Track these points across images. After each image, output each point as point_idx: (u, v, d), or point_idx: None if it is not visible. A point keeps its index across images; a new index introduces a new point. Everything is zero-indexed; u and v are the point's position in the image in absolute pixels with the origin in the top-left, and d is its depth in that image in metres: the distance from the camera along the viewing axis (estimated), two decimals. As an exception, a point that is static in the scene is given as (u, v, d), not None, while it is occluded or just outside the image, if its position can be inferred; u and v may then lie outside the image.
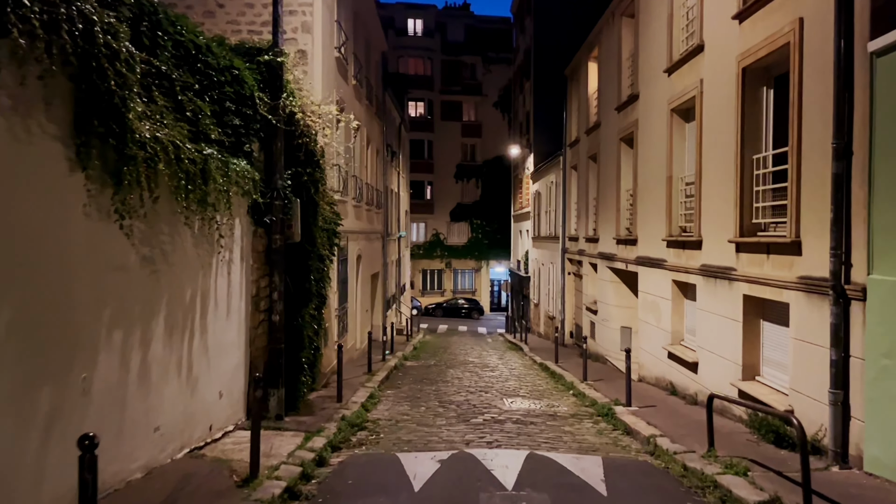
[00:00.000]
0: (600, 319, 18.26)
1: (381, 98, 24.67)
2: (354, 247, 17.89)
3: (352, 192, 17.55)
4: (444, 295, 52.26)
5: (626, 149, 16.06)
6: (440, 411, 11.06)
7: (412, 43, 54.22)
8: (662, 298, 12.84)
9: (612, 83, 17.02)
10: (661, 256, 12.88)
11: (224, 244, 7.91)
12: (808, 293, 7.59)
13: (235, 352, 8.52)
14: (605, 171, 17.87)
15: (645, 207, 14.17)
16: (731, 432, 8.71)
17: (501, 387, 14.04)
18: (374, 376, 14.32)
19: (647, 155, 14.10)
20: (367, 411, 10.70)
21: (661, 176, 12.85)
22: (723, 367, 9.88)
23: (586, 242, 20.13)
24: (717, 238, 10.15)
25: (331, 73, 14.55)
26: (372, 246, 22.08)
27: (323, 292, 11.78)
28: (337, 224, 12.56)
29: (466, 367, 17.83)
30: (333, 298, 14.71)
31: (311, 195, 9.50)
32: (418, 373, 16.39)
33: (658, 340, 13.05)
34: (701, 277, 10.80)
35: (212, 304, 7.57)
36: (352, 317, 17.54)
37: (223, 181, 7.35)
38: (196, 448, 7.12)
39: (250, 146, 8.60)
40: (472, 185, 54.55)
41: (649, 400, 11.56)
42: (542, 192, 29.73)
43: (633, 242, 15.01)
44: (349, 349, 17.17)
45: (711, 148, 10.49)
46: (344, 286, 16.29)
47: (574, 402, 12.30)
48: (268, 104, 8.82)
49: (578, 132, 21.73)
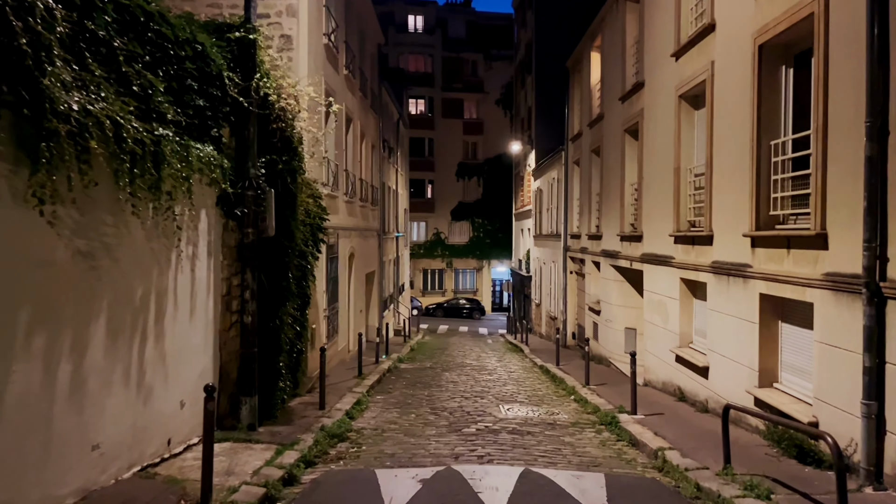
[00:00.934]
0: (603, 320, 17.46)
1: (377, 92, 23.90)
2: (346, 244, 17.13)
3: (343, 187, 16.78)
4: (445, 295, 51.49)
5: (630, 140, 15.26)
6: (431, 419, 10.28)
7: (413, 39, 53.43)
8: (669, 298, 12.04)
9: (615, 72, 16.21)
10: (668, 253, 12.08)
11: (187, 237, 7.14)
12: (835, 292, 6.78)
13: (202, 357, 7.75)
14: (609, 165, 17.07)
15: (651, 202, 13.37)
16: (748, 445, 7.91)
17: (499, 391, 13.25)
18: (365, 380, 13.54)
19: (653, 146, 13.30)
20: (351, 419, 9.93)
21: (669, 167, 12.04)
22: (737, 373, 9.08)
23: (589, 240, 19.33)
24: (730, 232, 9.35)
25: (318, 60, 13.78)
26: (367, 244, 21.30)
27: (307, 291, 11.01)
28: (323, 219, 11.79)
29: (463, 369, 17.05)
30: (321, 298, 13.94)
31: (287, 185, 8.72)
32: (412, 376, 15.62)
33: (665, 343, 12.24)
34: (712, 275, 9.99)
35: (170, 304, 6.80)
36: (343, 317, 16.77)
37: (182, 167, 6.58)
38: (150, 465, 6.34)
39: (219, 131, 7.82)
40: (473, 184, 53.77)
41: (656, 407, 10.76)
42: (543, 189, 28.93)
43: (638, 239, 14.20)
44: (340, 351, 16.41)
45: (724, 135, 9.69)
46: (334, 285, 15.53)
47: (575, 408, 11.51)
48: (239, 85, 8.04)
49: (581, 125, 20.92)
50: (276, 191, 8.48)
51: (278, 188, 8.53)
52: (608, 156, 17.14)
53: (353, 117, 18.36)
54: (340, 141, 16.42)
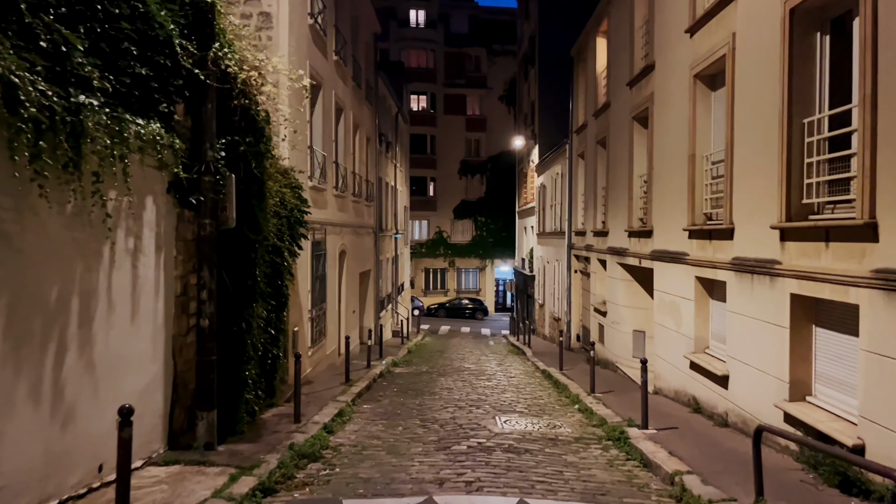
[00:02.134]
0: (610, 322, 16.39)
1: (372, 83, 22.87)
2: (336, 241, 16.10)
3: (332, 180, 15.76)
4: (448, 295, 50.44)
5: (639, 129, 14.18)
6: (419, 433, 9.25)
7: (414, 34, 52.37)
8: (683, 299, 10.97)
9: (623, 57, 15.14)
10: (681, 249, 11.01)
11: (127, 228, 6.13)
12: (888, 291, 5.72)
13: (148, 366, 6.73)
14: (616, 156, 16.00)
15: (662, 194, 12.30)
16: (778, 468, 6.85)
17: (497, 400, 12.20)
18: (352, 387, 12.52)
19: (664, 133, 12.23)
20: (329, 434, 8.90)
21: (682, 155, 10.98)
22: (762, 384, 8.01)
23: (594, 237, 18.25)
24: (754, 224, 8.29)
25: (302, 42, 12.76)
26: (361, 241, 20.29)
27: (283, 291, 10.01)
28: (303, 212, 10.77)
29: (460, 374, 16.00)
30: (305, 298, 12.93)
31: (251, 170, 7.68)
32: (405, 382, 14.58)
33: (678, 347, 11.18)
34: (732, 273, 8.93)
35: (102, 305, 5.78)
36: (332, 319, 15.75)
37: (113, 143, 5.56)
38: (71, 499, 5.33)
39: (170, 106, 6.80)
40: (476, 182, 52.72)
41: (669, 419, 9.71)
42: (546, 185, 27.86)
43: (647, 234, 13.13)
44: (329, 355, 15.39)
45: (747, 116, 8.62)
46: (321, 284, 14.51)
47: (580, 419, 10.46)
48: (194, 55, 7.02)
49: (585, 116, 19.85)
50: (238, 176, 7.45)
51: (241, 173, 7.50)
52: (615, 146, 16.07)
53: (345, 107, 17.35)
54: (329, 131, 15.40)
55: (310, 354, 13.42)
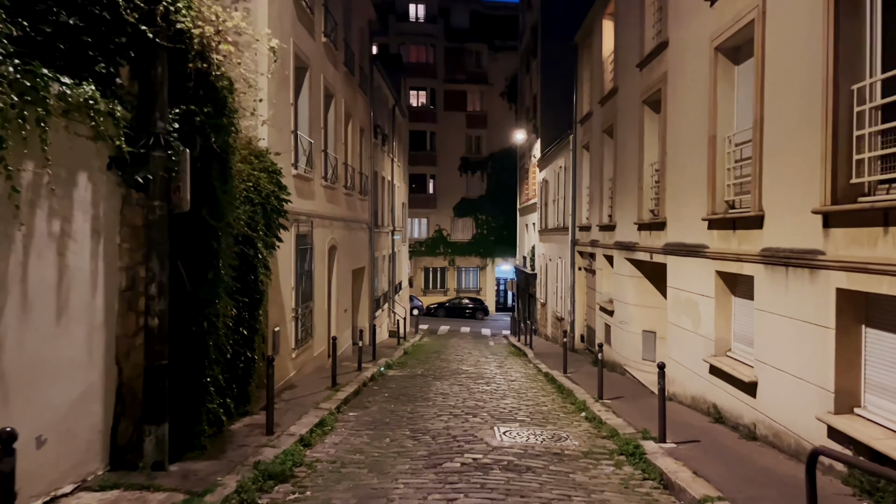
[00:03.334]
0: (617, 322, 15.35)
1: (367, 72, 21.85)
2: (325, 235, 15.08)
3: (321, 169, 14.73)
4: (448, 294, 49.47)
5: (650, 113, 13.14)
6: (407, 447, 8.22)
7: (414, 29, 51.40)
8: (701, 296, 9.93)
9: (632, 36, 14.10)
10: (699, 242, 9.97)
11: (49, 209, 5.12)
12: (971, 285, 4.69)
13: (83, 373, 5.70)
14: (624, 145, 14.96)
15: (676, 182, 11.26)
16: (825, 494, 5.80)
17: (495, 407, 11.17)
18: (338, 392, 11.49)
19: (679, 116, 11.19)
20: (306, 447, 7.88)
21: (701, 138, 9.94)
22: (800, 393, 6.97)
23: (600, 231, 17.21)
24: (789, 210, 7.25)
25: (286, 17, 11.73)
26: (354, 237, 19.26)
27: (258, 287, 9.00)
28: (282, 200, 9.76)
29: (457, 378, 14.97)
30: (289, 296, 11.91)
31: (210, 146, 6.64)
32: (398, 386, 13.55)
33: (695, 350, 10.14)
34: (762, 266, 7.89)
35: (13, 301, 4.76)
36: (321, 318, 14.72)
37: (24, 102, 4.54)
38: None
39: (111, 68, 5.79)
40: (477, 179, 51.75)
41: (687, 430, 8.67)
42: (549, 179, 26.83)
43: (660, 227, 12.09)
44: (317, 356, 14.36)
45: (780, 87, 7.58)
46: (308, 281, 13.49)
47: (587, 430, 9.43)
48: (140, 8, 5.99)
49: (591, 104, 18.80)
50: (194, 152, 6.43)
51: (197, 149, 6.47)
52: (623, 134, 15.03)
53: (336, 94, 16.32)
54: (317, 117, 14.38)
55: (294, 356, 12.41)
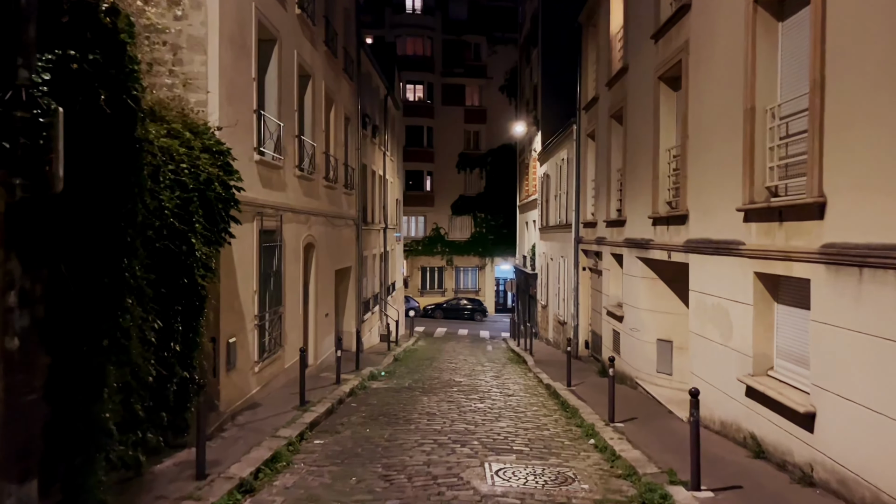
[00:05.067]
0: (627, 328, 13.69)
1: (354, 56, 20.18)
2: (299, 231, 13.42)
3: (294, 157, 13.07)
4: (445, 295, 47.83)
5: (667, 92, 11.49)
6: (376, 492, 6.58)
7: (410, 21, 49.70)
8: (734, 302, 8.27)
9: (645, 5, 12.41)
10: (732, 237, 8.32)
11: None
12: None
13: None
14: (635, 130, 13.30)
15: (701, 168, 9.61)
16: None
17: (489, 432, 9.52)
18: (306, 413, 9.86)
19: (704, 90, 9.53)
20: (246, 495, 6.26)
21: (733, 113, 8.29)
22: (882, 433, 5.32)
23: (607, 227, 15.54)
24: (867, 194, 5.59)
25: (244, -23, 10.08)
26: (338, 234, 17.60)
27: (197, 291, 7.35)
28: (230, 187, 8.10)
29: (448, 392, 13.31)
30: (249, 300, 10.27)
31: (99, 106, 4.97)
32: (380, 402, 11.91)
33: (726, 366, 8.49)
34: (822, 267, 6.23)
35: None
36: (294, 324, 13.05)
37: None
38: None
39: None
40: (475, 176, 50.09)
41: (722, 468, 7.03)
42: (550, 173, 25.16)
43: (679, 220, 10.43)
44: (290, 368, 12.70)
45: (853, 33, 5.93)
46: (276, 283, 11.84)
47: (598, 465, 7.79)
48: (-10, -88, 4.34)
49: (597, 88, 17.12)
50: (74, 112, 4.76)
51: (77, 108, 4.80)
52: (634, 118, 13.36)
53: (314, 75, 14.66)
54: (290, 98, 12.71)
55: (257, 370, 10.76)
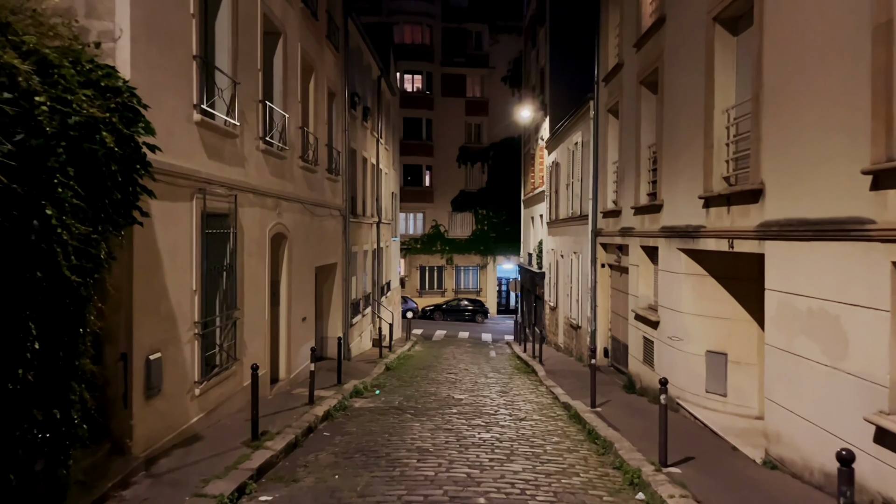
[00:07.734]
0: (664, 336, 11.23)
1: (339, 23, 17.73)
2: (264, 217, 10.96)
3: (257, 127, 10.61)
4: (445, 295, 45.45)
5: (723, 37, 9.05)
6: None
7: (408, 7, 47.20)
8: (852, 306, 5.83)
9: (691, -64, 9.98)
10: (848, 214, 5.87)
11: None
12: None
13: None
14: (677, 93, 10.85)
15: (788, 125, 7.15)
16: None
17: (498, 481, 7.05)
18: (258, 451, 7.44)
19: (791, 20, 7.09)
20: None
21: (846, 41, 5.85)
22: None
23: (636, 216, 13.08)
24: None
25: None
26: (318, 225, 15.15)
27: (75, 292, 4.93)
28: (134, 144, 5.66)
29: (446, 415, 10.85)
30: (186, 302, 7.83)
31: None
32: (360, 431, 9.46)
33: (835, 396, 6.04)
34: None
35: None
36: (256, 332, 10.58)
37: None
38: None
39: None
40: (477, 171, 47.67)
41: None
42: (560, 161, 22.71)
43: (748, 198, 7.98)
44: (249, 387, 10.24)
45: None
46: (229, 280, 9.40)
47: (662, 543, 5.34)
48: None
49: (620, 54, 14.66)
50: None
51: None
52: (676, 78, 10.91)
53: (286, 34, 12.22)
54: (250, 53, 10.28)
55: (197, 393, 8.31)
